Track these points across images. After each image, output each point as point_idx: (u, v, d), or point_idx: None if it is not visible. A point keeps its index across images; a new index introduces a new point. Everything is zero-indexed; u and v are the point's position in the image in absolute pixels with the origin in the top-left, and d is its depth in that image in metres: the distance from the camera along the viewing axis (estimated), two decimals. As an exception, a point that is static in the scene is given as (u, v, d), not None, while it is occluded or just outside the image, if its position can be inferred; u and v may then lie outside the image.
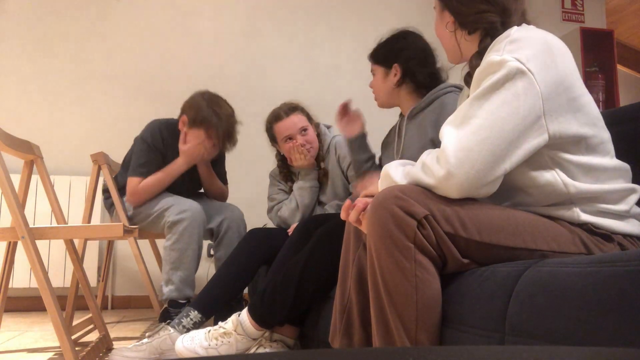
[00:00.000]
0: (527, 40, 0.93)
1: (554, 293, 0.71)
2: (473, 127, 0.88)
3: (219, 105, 2.10)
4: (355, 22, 3.38)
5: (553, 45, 0.95)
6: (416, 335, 0.88)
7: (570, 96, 0.92)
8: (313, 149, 2.01)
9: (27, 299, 2.72)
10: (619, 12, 4.44)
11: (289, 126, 1.98)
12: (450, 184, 0.87)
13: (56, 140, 2.89)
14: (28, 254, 1.47)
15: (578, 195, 0.93)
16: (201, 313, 1.71)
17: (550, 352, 0.38)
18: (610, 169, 0.96)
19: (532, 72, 0.88)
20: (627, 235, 0.95)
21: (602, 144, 0.97)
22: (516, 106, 0.87)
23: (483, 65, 0.95)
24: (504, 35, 0.98)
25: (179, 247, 1.92)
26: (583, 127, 0.93)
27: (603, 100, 3.64)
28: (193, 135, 2.07)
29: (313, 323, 1.48)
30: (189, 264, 1.92)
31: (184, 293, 1.92)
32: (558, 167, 0.94)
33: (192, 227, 1.93)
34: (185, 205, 1.97)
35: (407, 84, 1.61)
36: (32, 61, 2.93)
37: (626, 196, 0.96)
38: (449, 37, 1.14)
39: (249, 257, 1.87)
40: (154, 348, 1.61)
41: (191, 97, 2.13)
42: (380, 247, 0.90)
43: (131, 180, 2.08)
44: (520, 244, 0.90)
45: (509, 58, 0.90)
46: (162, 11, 3.14)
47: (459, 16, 1.10)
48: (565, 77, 0.92)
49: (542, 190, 0.95)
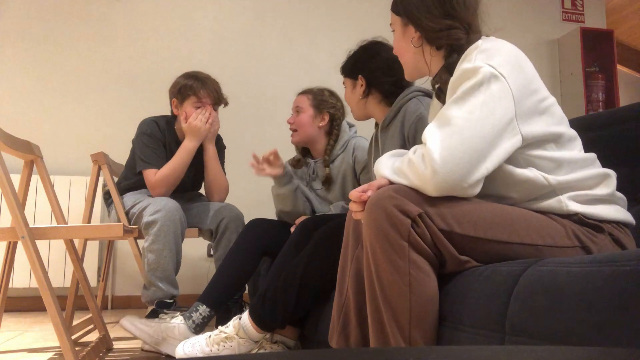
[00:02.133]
0: (495, 49, 0.99)
1: (554, 293, 0.71)
2: (455, 127, 0.90)
3: (195, 73, 2.19)
4: (355, 22, 3.39)
5: (518, 53, 1.01)
6: (410, 333, 0.89)
7: (537, 99, 0.97)
8: (297, 133, 2.02)
9: (27, 299, 2.72)
10: (619, 12, 4.44)
11: (294, 101, 2.07)
12: (435, 182, 0.89)
13: (56, 140, 2.89)
14: (28, 254, 1.47)
15: (559, 186, 0.97)
16: (210, 307, 1.73)
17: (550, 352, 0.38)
18: (581, 160, 1.01)
19: (505, 77, 0.93)
20: (615, 223, 0.98)
21: (569, 141, 1.02)
22: (492, 107, 0.91)
23: (457, 74, 0.99)
24: (472, 47, 1.02)
25: (156, 247, 1.88)
26: (550, 127, 0.98)
27: (603, 100, 3.64)
28: (188, 111, 2.11)
29: (314, 324, 1.48)
30: (167, 265, 1.88)
31: (169, 292, 1.90)
32: (532, 165, 0.98)
33: (167, 227, 1.88)
34: (159, 205, 1.92)
35: (374, 94, 1.64)
36: (32, 61, 2.93)
37: (603, 180, 1.01)
38: (414, 53, 1.17)
39: (252, 247, 1.88)
40: (160, 330, 1.63)
41: (170, 88, 2.21)
42: (376, 245, 0.91)
43: (146, 174, 2.08)
44: (516, 239, 0.92)
45: (482, 64, 0.95)
46: (162, 11, 3.14)
47: (427, 32, 1.13)
48: (532, 81, 0.98)
49: (524, 187, 0.99)
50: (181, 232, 1.96)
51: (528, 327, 0.73)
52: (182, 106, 2.13)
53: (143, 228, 1.93)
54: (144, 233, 1.94)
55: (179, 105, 2.14)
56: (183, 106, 2.13)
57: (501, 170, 0.98)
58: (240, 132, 3.15)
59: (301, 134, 2.02)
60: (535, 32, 3.72)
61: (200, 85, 2.12)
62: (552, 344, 0.69)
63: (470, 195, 0.92)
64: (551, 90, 1.20)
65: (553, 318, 0.70)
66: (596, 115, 1.44)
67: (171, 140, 2.17)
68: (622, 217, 1.00)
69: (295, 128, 2.02)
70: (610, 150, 1.30)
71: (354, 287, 1.11)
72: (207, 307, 1.72)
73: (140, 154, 2.09)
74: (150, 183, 2.07)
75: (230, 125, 3.10)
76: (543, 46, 3.75)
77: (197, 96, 2.11)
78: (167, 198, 1.99)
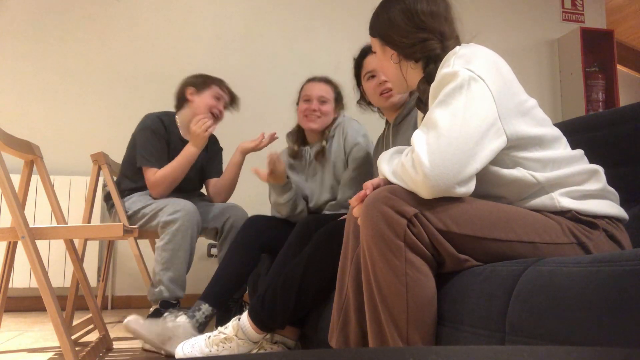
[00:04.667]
0: (473, 54, 1.01)
1: (554, 293, 0.71)
2: (440, 130, 0.92)
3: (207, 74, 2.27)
4: (355, 22, 3.38)
5: (496, 58, 1.03)
6: (408, 333, 0.89)
7: (517, 101, 0.99)
8: (320, 120, 1.99)
9: (27, 299, 2.72)
10: (619, 12, 4.44)
11: (313, 88, 2.02)
12: (427, 186, 0.89)
13: (56, 140, 2.89)
14: (28, 254, 1.47)
15: (548, 183, 0.99)
16: (212, 305, 1.74)
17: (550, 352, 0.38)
18: (567, 157, 1.03)
19: (483, 79, 0.95)
20: (608, 218, 0.99)
21: (554, 140, 1.03)
22: (475, 108, 0.93)
23: (437, 79, 1.01)
24: (450, 54, 1.04)
25: (171, 247, 1.90)
26: (533, 128, 0.99)
27: (603, 100, 3.64)
28: (202, 100, 2.16)
29: (313, 323, 1.48)
30: (179, 265, 1.90)
31: (175, 294, 1.90)
32: (519, 165, 1.00)
33: (185, 228, 1.90)
34: (179, 206, 1.95)
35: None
36: (32, 61, 2.93)
37: (592, 175, 1.02)
38: (394, 69, 1.20)
39: (251, 243, 1.89)
40: (167, 329, 1.66)
41: (184, 79, 2.25)
42: (373, 246, 0.92)
43: (146, 171, 2.09)
44: (513, 237, 0.93)
45: (461, 68, 0.96)
46: (162, 11, 3.14)
47: (402, 49, 1.16)
48: (510, 84, 1.00)
49: (514, 187, 1.00)
50: (197, 234, 1.98)
51: (528, 327, 0.73)
52: (200, 95, 2.17)
53: (160, 227, 1.94)
54: (161, 232, 1.95)
55: (194, 93, 2.18)
56: (201, 95, 2.16)
57: (490, 172, 0.99)
58: (240, 132, 3.15)
59: (324, 122, 2.00)
60: (535, 32, 3.72)
61: (221, 82, 2.22)
62: (552, 344, 0.69)
63: (465, 195, 0.93)
64: (551, 90, 1.20)
65: (553, 318, 0.70)
66: (596, 115, 1.44)
67: (175, 138, 2.17)
68: (615, 212, 1.01)
69: (319, 116, 2.00)
70: (610, 150, 1.30)
71: (354, 287, 1.12)
72: (210, 306, 1.74)
73: (142, 149, 2.10)
74: (150, 182, 2.08)
75: (231, 125, 3.10)
76: (543, 46, 3.74)
77: (220, 87, 2.19)
78: (185, 200, 2.01)
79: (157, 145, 2.10)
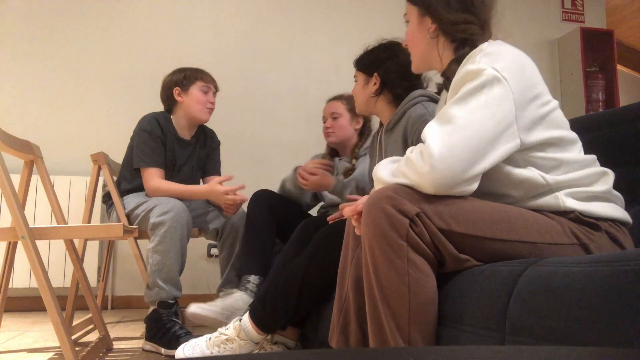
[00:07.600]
0: (500, 53, 1.00)
1: (554, 292, 0.71)
2: (455, 126, 0.91)
3: (184, 67, 2.28)
4: (354, 22, 3.38)
5: (522, 58, 1.02)
6: (409, 333, 0.89)
7: (538, 103, 0.98)
8: (335, 135, 2.14)
9: (27, 299, 2.72)
10: (619, 12, 4.44)
11: (325, 109, 2.20)
12: (432, 178, 0.89)
13: (56, 140, 2.89)
14: (28, 254, 1.47)
15: (557, 185, 0.99)
16: (257, 274, 1.86)
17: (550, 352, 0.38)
18: (581, 161, 1.02)
19: (507, 80, 0.94)
20: (612, 221, 0.99)
21: (570, 144, 1.03)
22: (493, 110, 0.93)
23: (460, 75, 1.00)
24: (477, 50, 1.03)
25: (161, 249, 1.87)
26: (550, 131, 0.99)
27: (603, 100, 3.64)
28: (192, 98, 2.18)
29: (314, 324, 1.48)
30: (172, 267, 1.88)
31: (172, 293, 1.89)
32: (531, 165, 1.00)
33: (174, 229, 1.87)
34: (167, 207, 1.91)
35: (385, 94, 1.64)
36: (32, 61, 2.93)
37: (600, 177, 1.02)
38: (427, 44, 1.17)
39: (266, 213, 2.01)
40: (226, 306, 1.76)
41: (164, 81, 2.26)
42: (374, 245, 0.92)
43: (144, 171, 2.10)
44: (515, 237, 0.93)
45: (486, 67, 0.95)
46: (162, 11, 3.14)
47: (444, 24, 1.14)
48: (534, 86, 0.99)
49: (522, 187, 1.00)
50: (187, 234, 1.97)
51: (528, 327, 0.73)
52: (188, 93, 2.18)
53: (150, 229, 1.93)
54: (150, 234, 1.93)
55: (182, 94, 2.19)
56: (189, 92, 2.18)
57: (500, 170, 0.98)
58: (241, 131, 3.15)
59: (339, 136, 2.14)
60: (535, 32, 3.72)
61: (201, 72, 2.23)
62: (552, 344, 0.69)
63: (466, 193, 0.93)
64: (551, 90, 1.20)
65: (553, 318, 0.70)
66: (596, 115, 1.44)
67: (171, 137, 2.17)
68: (619, 215, 1.00)
69: (332, 131, 2.14)
70: (610, 150, 1.30)
71: (354, 288, 1.12)
72: (255, 275, 1.84)
73: (139, 151, 2.10)
74: (148, 185, 2.08)
75: (231, 125, 3.10)
76: (543, 46, 3.74)
77: (203, 80, 2.21)
78: (174, 200, 1.98)
79: (153, 145, 2.10)
